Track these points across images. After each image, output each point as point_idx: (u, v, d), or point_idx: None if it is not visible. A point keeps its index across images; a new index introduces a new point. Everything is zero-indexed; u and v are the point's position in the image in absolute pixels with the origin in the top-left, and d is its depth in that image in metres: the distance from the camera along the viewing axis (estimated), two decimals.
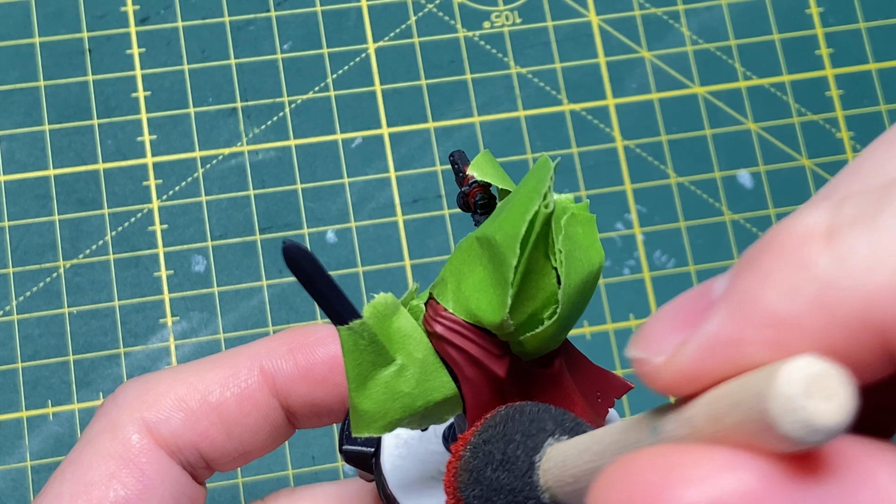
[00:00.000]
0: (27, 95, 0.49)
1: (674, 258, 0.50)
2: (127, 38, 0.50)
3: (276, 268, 0.48)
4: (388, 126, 0.50)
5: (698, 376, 0.15)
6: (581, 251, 0.22)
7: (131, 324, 0.47)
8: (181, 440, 0.28)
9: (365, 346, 0.22)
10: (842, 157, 0.51)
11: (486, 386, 0.22)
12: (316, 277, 0.21)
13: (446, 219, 0.49)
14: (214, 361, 0.29)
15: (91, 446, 0.28)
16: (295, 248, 0.20)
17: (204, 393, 0.28)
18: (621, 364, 0.48)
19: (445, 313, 0.22)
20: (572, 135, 0.51)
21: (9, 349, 0.46)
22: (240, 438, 0.28)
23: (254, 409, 0.28)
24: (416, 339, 0.22)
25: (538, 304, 0.22)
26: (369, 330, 0.22)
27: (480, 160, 0.24)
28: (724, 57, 0.52)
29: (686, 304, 0.16)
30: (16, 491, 0.45)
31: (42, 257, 0.47)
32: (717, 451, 0.14)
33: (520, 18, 0.52)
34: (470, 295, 0.22)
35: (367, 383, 0.22)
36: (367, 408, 0.22)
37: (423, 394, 0.22)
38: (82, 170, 0.49)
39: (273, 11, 0.51)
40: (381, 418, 0.22)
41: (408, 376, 0.22)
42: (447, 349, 0.22)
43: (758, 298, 0.15)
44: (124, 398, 0.28)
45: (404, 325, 0.22)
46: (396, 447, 0.27)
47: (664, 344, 0.16)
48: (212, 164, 0.49)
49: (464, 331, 0.22)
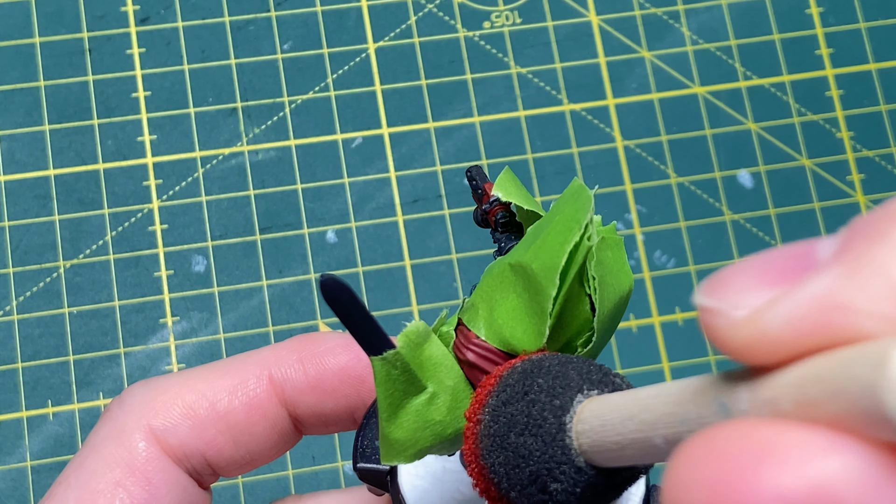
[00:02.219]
0: (27, 95, 0.49)
1: (674, 258, 0.50)
2: (127, 38, 0.50)
3: (276, 268, 0.48)
4: (388, 126, 0.50)
5: (787, 342, 0.13)
6: (612, 276, 0.22)
7: (131, 324, 0.47)
8: (188, 448, 0.28)
9: (398, 376, 0.21)
10: (842, 156, 0.51)
11: None
12: (354, 310, 0.21)
13: (446, 219, 0.49)
14: (223, 368, 0.29)
15: (97, 452, 0.28)
16: (332, 282, 0.20)
17: (212, 401, 0.28)
18: (622, 364, 0.48)
19: (478, 341, 0.22)
20: (572, 135, 0.51)
21: (9, 349, 0.46)
22: (247, 447, 0.28)
23: (262, 418, 0.28)
24: (447, 367, 0.22)
25: (573, 332, 0.21)
26: (402, 360, 0.21)
27: (504, 179, 0.24)
28: (724, 57, 0.52)
29: (780, 260, 0.14)
30: (16, 491, 0.45)
31: (42, 257, 0.47)
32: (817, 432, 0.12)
33: (520, 18, 0.52)
34: (504, 323, 0.22)
35: (398, 412, 0.22)
36: (398, 437, 0.22)
37: (455, 421, 0.22)
38: (82, 170, 0.49)
39: (273, 11, 0.51)
40: (412, 447, 0.22)
41: (439, 404, 0.22)
42: (479, 376, 0.22)
43: (883, 266, 0.13)
44: (131, 403, 0.28)
45: (435, 352, 0.22)
46: (414, 466, 0.26)
47: (748, 297, 0.14)
48: (212, 164, 0.49)
49: (496, 359, 0.22)
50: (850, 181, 0.51)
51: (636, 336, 0.49)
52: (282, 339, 0.47)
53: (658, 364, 0.48)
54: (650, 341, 0.49)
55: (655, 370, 0.48)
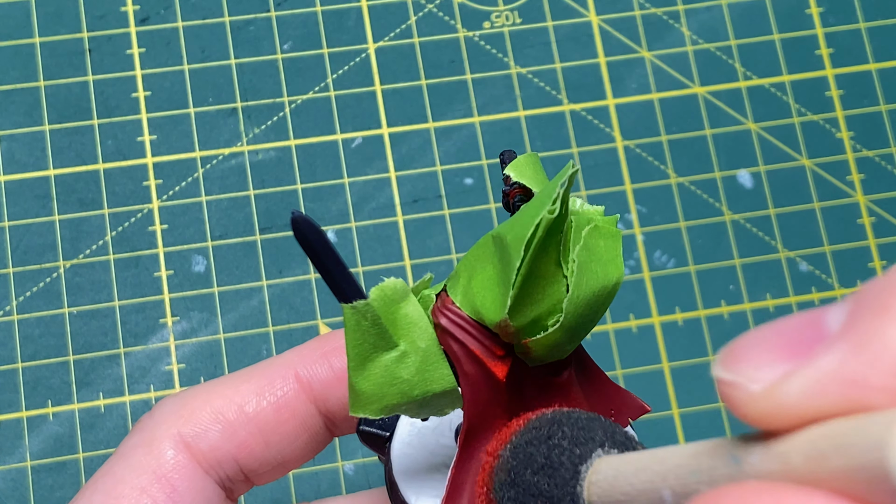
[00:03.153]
0: (27, 95, 0.49)
1: (674, 258, 0.50)
2: (127, 38, 0.50)
3: (276, 268, 0.48)
4: (388, 126, 0.50)
5: (801, 413, 0.14)
6: (599, 264, 0.22)
7: (131, 324, 0.47)
8: (219, 453, 0.28)
9: (368, 328, 0.22)
10: (842, 157, 0.51)
11: (484, 385, 0.22)
12: (322, 252, 0.21)
13: (446, 219, 0.49)
14: (248, 373, 0.29)
15: (125, 459, 0.28)
16: (302, 220, 0.20)
17: (240, 404, 0.28)
18: (621, 364, 0.48)
19: (452, 307, 0.22)
20: (572, 135, 0.51)
21: (9, 349, 0.46)
22: (278, 447, 0.28)
23: (291, 417, 0.28)
24: (421, 328, 0.22)
25: (543, 310, 0.21)
26: (373, 312, 0.22)
27: (521, 161, 0.24)
28: (724, 57, 0.52)
29: (790, 332, 0.15)
30: (16, 491, 0.45)
31: (42, 257, 0.47)
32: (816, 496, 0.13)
33: (520, 18, 0.52)
34: (477, 292, 0.22)
35: (366, 364, 0.22)
36: (363, 388, 0.22)
37: (422, 383, 0.22)
38: (82, 170, 0.49)
39: (273, 11, 0.51)
40: (378, 401, 0.22)
41: (408, 364, 0.22)
42: (450, 342, 0.22)
43: (888, 342, 0.13)
44: (160, 414, 0.28)
45: (412, 312, 0.22)
46: (409, 434, 0.26)
47: (764, 371, 0.15)
48: (212, 164, 0.49)
49: (467, 326, 0.22)
50: (850, 181, 0.51)
51: (636, 336, 0.49)
52: (282, 339, 0.47)
53: (658, 364, 0.48)
54: (650, 341, 0.49)
55: (655, 370, 0.48)
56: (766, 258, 0.50)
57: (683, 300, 0.49)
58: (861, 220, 0.51)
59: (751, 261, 0.50)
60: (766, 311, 0.49)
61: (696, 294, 0.49)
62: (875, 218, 0.51)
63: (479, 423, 0.23)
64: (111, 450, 0.45)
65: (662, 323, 0.49)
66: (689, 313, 0.49)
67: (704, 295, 0.49)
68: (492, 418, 0.23)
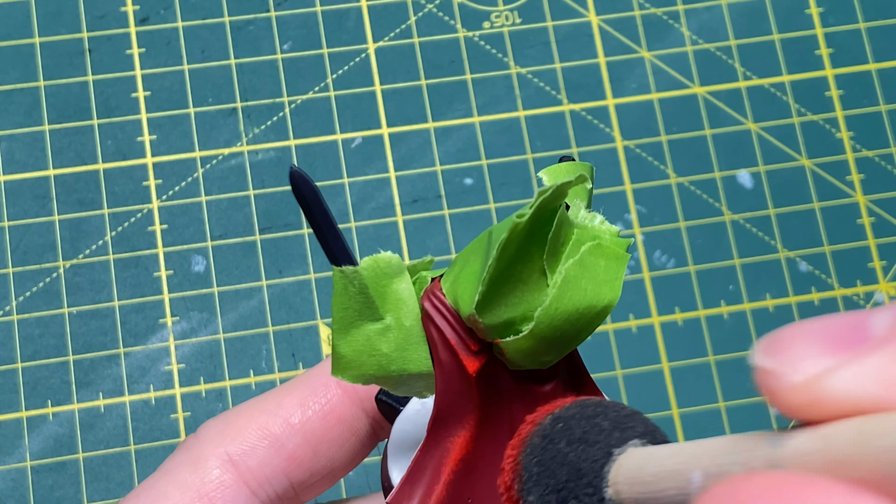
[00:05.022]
0: (27, 95, 0.49)
1: (674, 258, 0.50)
2: (127, 38, 0.50)
3: (276, 268, 0.48)
4: (388, 126, 0.50)
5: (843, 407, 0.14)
6: (592, 283, 0.21)
7: (131, 324, 0.47)
8: (268, 469, 0.28)
9: (354, 294, 0.22)
10: (842, 157, 0.51)
11: (457, 376, 0.22)
12: (315, 211, 0.21)
13: (446, 219, 0.49)
14: (289, 387, 0.29)
15: (169, 475, 0.28)
16: (299, 176, 0.21)
17: (285, 417, 0.28)
18: (621, 364, 0.48)
19: (439, 293, 0.22)
20: (572, 135, 0.51)
21: (9, 349, 0.46)
22: (327, 454, 0.28)
23: (337, 422, 0.28)
24: (409, 307, 0.22)
25: (517, 315, 0.21)
26: (361, 280, 0.22)
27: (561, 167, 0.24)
28: (724, 57, 0.52)
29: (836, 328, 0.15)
30: (16, 491, 0.45)
31: (42, 257, 0.47)
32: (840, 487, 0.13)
33: (520, 18, 0.52)
34: (461, 282, 0.22)
35: (350, 329, 0.22)
36: (343, 352, 0.22)
37: (400, 360, 0.22)
38: (82, 170, 0.49)
39: (273, 11, 0.51)
40: (356, 368, 0.23)
41: (390, 338, 0.22)
42: (429, 326, 0.22)
43: None
44: (206, 434, 0.28)
45: (402, 289, 0.22)
46: (415, 413, 0.26)
47: (809, 363, 0.15)
48: (212, 164, 0.49)
49: (447, 314, 0.22)
50: (850, 181, 0.51)
51: (636, 336, 0.49)
52: (281, 339, 0.47)
53: (658, 364, 0.48)
54: (650, 341, 0.49)
55: (655, 370, 0.48)
56: (766, 258, 0.50)
57: (683, 300, 0.49)
58: (861, 220, 0.51)
59: (751, 261, 0.50)
60: (766, 311, 0.49)
61: (695, 294, 0.49)
62: (875, 218, 0.51)
63: (449, 413, 0.23)
64: (111, 450, 0.45)
65: (662, 323, 0.49)
66: (689, 313, 0.49)
67: (704, 295, 0.49)
68: (462, 412, 0.23)
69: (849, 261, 0.50)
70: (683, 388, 0.48)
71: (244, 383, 0.47)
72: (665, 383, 0.48)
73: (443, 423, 0.23)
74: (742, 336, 0.49)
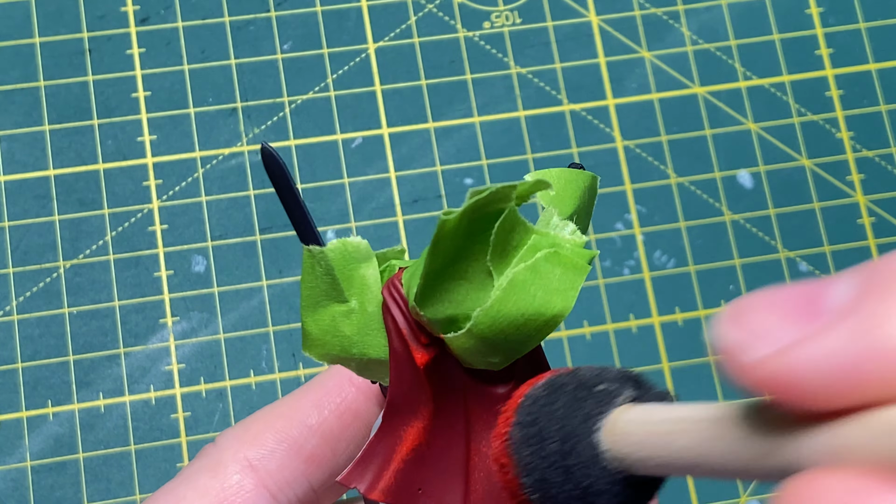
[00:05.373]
0: (27, 95, 0.49)
1: (674, 258, 0.50)
2: (127, 38, 0.50)
3: (276, 268, 0.48)
4: (388, 126, 0.50)
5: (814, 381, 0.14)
6: (542, 290, 0.21)
7: (131, 324, 0.47)
8: (287, 472, 0.28)
9: (321, 275, 0.22)
10: (842, 157, 0.51)
11: (409, 366, 0.22)
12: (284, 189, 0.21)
13: None
14: (303, 390, 0.29)
15: (190, 481, 0.28)
16: (268, 154, 0.21)
17: (302, 419, 0.28)
18: (621, 364, 0.48)
19: (397, 282, 0.23)
20: (572, 135, 0.51)
21: (9, 349, 0.46)
22: (345, 453, 0.29)
23: (354, 419, 0.29)
24: (373, 293, 0.23)
25: (460, 312, 0.21)
26: (327, 262, 0.22)
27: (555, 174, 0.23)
28: (724, 57, 0.52)
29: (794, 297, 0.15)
30: (16, 491, 0.45)
31: (42, 257, 0.47)
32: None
33: (520, 18, 0.52)
34: (416, 275, 0.22)
35: (317, 308, 0.23)
36: (311, 330, 0.23)
37: (361, 344, 0.23)
38: (82, 170, 0.49)
39: (273, 11, 0.51)
40: (321, 346, 0.23)
41: (353, 321, 0.23)
42: (385, 314, 0.23)
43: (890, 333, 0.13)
44: (224, 441, 0.29)
45: (369, 275, 0.23)
46: None
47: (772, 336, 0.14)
48: (212, 164, 0.49)
49: (402, 304, 0.22)
50: (850, 181, 0.51)
51: (636, 336, 0.49)
52: (282, 339, 0.47)
53: (658, 364, 0.48)
54: (650, 341, 0.49)
55: (655, 370, 0.48)
56: (766, 258, 0.50)
57: (683, 300, 0.49)
58: (861, 220, 0.51)
59: (751, 261, 0.50)
60: None
61: (696, 294, 0.49)
62: (875, 218, 0.51)
63: (402, 402, 0.23)
64: (111, 450, 0.46)
65: (662, 323, 0.49)
66: (689, 313, 0.49)
67: (704, 295, 0.49)
68: (415, 402, 0.23)
69: (849, 261, 0.50)
70: (683, 388, 0.48)
71: (244, 383, 0.47)
72: (665, 383, 0.48)
73: (396, 411, 0.23)
74: None
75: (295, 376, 0.47)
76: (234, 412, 0.46)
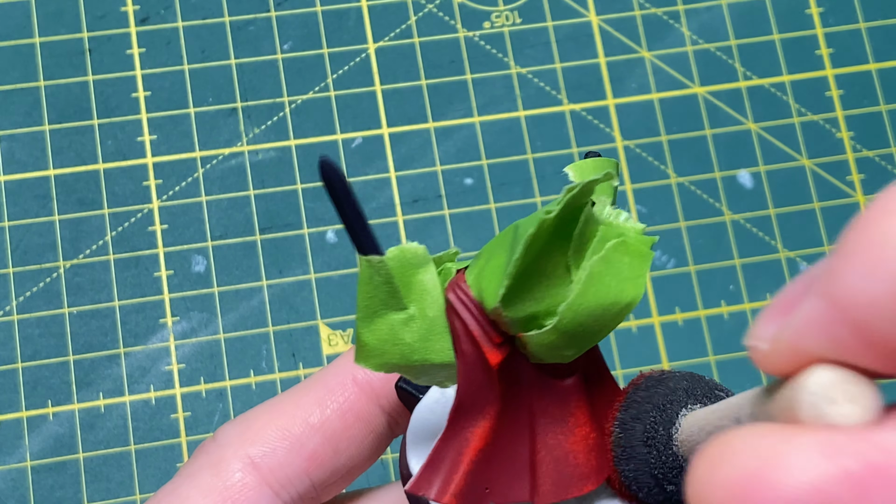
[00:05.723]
0: (27, 95, 0.49)
1: (674, 258, 0.50)
2: (127, 38, 0.50)
3: (276, 268, 0.48)
4: (388, 126, 0.50)
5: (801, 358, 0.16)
6: (615, 280, 0.22)
7: (131, 324, 0.47)
8: (289, 470, 0.28)
9: (379, 284, 0.22)
10: (842, 156, 0.51)
11: (478, 367, 0.23)
12: (344, 201, 0.21)
13: (446, 219, 0.49)
14: (306, 386, 0.29)
15: (192, 479, 0.28)
16: (328, 167, 0.21)
17: (304, 417, 0.28)
18: (621, 364, 0.48)
19: (463, 285, 0.22)
20: (572, 135, 0.51)
21: (9, 349, 0.46)
22: (347, 452, 0.29)
23: (356, 420, 0.29)
24: (433, 298, 0.23)
25: (541, 309, 0.22)
26: (386, 270, 0.22)
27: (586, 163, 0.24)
28: (724, 57, 0.52)
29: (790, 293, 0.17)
30: (16, 491, 0.45)
31: (42, 257, 0.47)
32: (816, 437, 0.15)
33: (520, 18, 0.52)
34: (485, 276, 0.22)
35: (374, 318, 0.23)
36: (367, 340, 0.23)
37: (423, 350, 0.23)
38: (82, 170, 0.49)
39: (273, 11, 0.51)
40: (379, 356, 0.23)
41: (413, 328, 0.22)
42: (452, 317, 0.22)
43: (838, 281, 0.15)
44: (224, 437, 0.28)
45: (428, 280, 0.22)
46: (435, 402, 0.27)
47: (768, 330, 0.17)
48: (212, 164, 0.49)
49: (471, 306, 0.22)
50: (850, 181, 0.51)
51: (636, 336, 0.49)
52: (282, 339, 0.47)
53: (658, 364, 0.48)
54: (650, 341, 0.49)
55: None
56: (766, 258, 0.50)
57: (683, 300, 0.49)
58: None
59: (751, 261, 0.50)
60: None
61: (696, 294, 0.49)
62: None
63: (470, 404, 0.23)
64: (111, 450, 0.46)
65: (662, 323, 0.49)
66: (689, 313, 0.49)
67: (704, 295, 0.49)
68: (483, 402, 0.23)
69: None
70: None
71: (244, 383, 0.47)
72: None
73: (464, 413, 0.23)
74: (742, 336, 0.49)
75: (295, 376, 0.47)
76: (234, 412, 0.46)
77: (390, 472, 0.46)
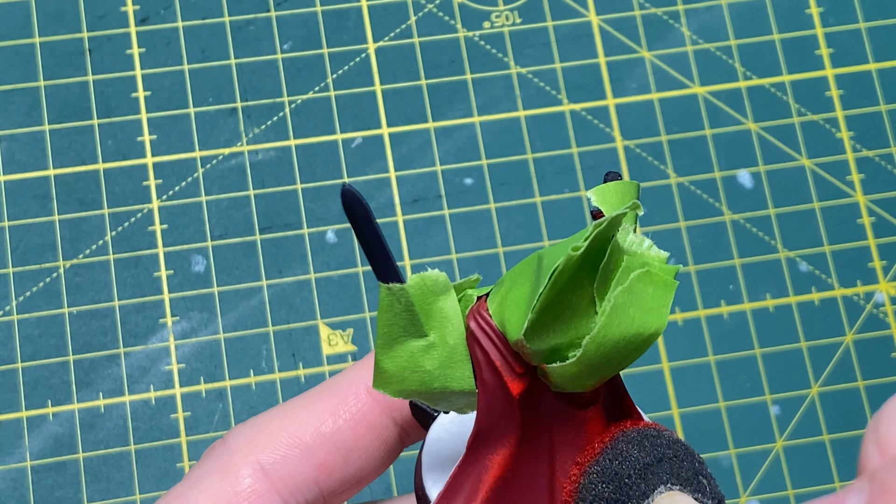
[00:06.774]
0: (27, 95, 0.49)
1: (674, 258, 0.50)
2: (127, 38, 0.50)
3: (276, 268, 0.48)
4: (388, 126, 0.50)
5: None
6: (640, 310, 0.21)
7: (131, 324, 0.47)
8: (300, 478, 0.28)
9: (400, 311, 0.22)
10: (842, 156, 0.51)
11: (499, 396, 0.22)
12: (366, 229, 0.21)
13: (446, 219, 0.49)
14: (318, 393, 0.29)
15: (200, 484, 0.27)
16: (351, 195, 0.21)
17: (316, 425, 0.28)
18: None
19: (486, 313, 0.22)
20: (572, 135, 0.51)
21: (9, 349, 0.46)
22: (357, 463, 0.28)
23: (368, 431, 0.28)
24: (454, 325, 0.22)
25: (565, 341, 0.21)
26: (407, 298, 0.22)
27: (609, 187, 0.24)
28: (724, 57, 0.52)
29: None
30: (16, 491, 0.45)
31: (42, 257, 0.47)
32: None
33: (520, 18, 0.52)
34: (508, 305, 0.22)
35: (393, 345, 0.22)
36: (387, 367, 0.23)
37: (443, 378, 0.23)
38: (82, 170, 0.49)
39: (273, 11, 0.51)
40: (398, 383, 0.23)
41: (433, 356, 0.22)
42: (473, 346, 0.22)
43: None
44: (235, 441, 0.28)
45: (448, 307, 0.22)
46: (451, 422, 0.27)
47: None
48: (212, 164, 0.49)
49: (493, 336, 0.22)
50: (850, 181, 0.51)
51: None
52: (281, 339, 0.47)
53: (658, 364, 0.48)
54: None
55: (655, 370, 0.48)
56: (766, 258, 0.50)
57: (683, 300, 0.49)
58: (861, 220, 0.51)
59: (751, 261, 0.50)
60: (766, 311, 0.49)
61: (696, 294, 0.49)
62: (875, 218, 0.51)
63: (490, 432, 0.23)
64: (111, 450, 0.46)
65: None
66: (689, 313, 0.49)
67: (704, 295, 0.49)
68: (503, 430, 0.23)
69: (849, 261, 0.50)
70: (683, 388, 0.48)
71: (244, 383, 0.47)
72: (665, 383, 0.48)
73: (483, 441, 0.23)
74: (742, 336, 0.49)
75: (295, 376, 0.47)
76: (234, 412, 0.46)
77: (391, 479, 0.47)
